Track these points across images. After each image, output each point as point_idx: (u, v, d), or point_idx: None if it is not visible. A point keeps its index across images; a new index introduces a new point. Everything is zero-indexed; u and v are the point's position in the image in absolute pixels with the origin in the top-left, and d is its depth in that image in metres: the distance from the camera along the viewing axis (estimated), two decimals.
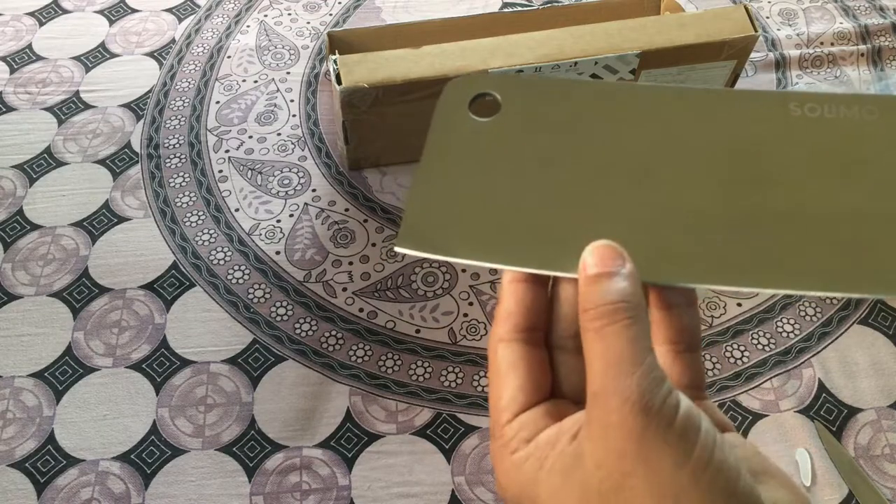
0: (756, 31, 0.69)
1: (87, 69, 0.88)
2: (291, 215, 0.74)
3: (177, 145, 0.80)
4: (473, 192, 0.28)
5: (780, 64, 0.86)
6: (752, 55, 0.84)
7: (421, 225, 0.27)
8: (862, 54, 0.87)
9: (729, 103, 0.28)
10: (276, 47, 0.91)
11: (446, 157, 0.28)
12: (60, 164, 0.79)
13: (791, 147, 0.27)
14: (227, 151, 0.79)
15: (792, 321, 0.65)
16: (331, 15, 0.95)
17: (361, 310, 0.67)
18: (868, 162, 0.26)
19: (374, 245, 0.71)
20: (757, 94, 0.28)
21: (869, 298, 0.25)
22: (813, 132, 0.27)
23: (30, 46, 0.91)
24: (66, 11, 0.96)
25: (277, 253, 0.71)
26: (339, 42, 0.77)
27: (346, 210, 0.74)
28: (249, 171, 0.78)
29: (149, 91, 0.86)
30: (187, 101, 0.85)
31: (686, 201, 0.26)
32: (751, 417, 0.60)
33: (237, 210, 0.74)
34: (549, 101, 0.29)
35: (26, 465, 0.59)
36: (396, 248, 0.28)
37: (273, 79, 0.87)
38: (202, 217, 0.74)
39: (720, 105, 0.28)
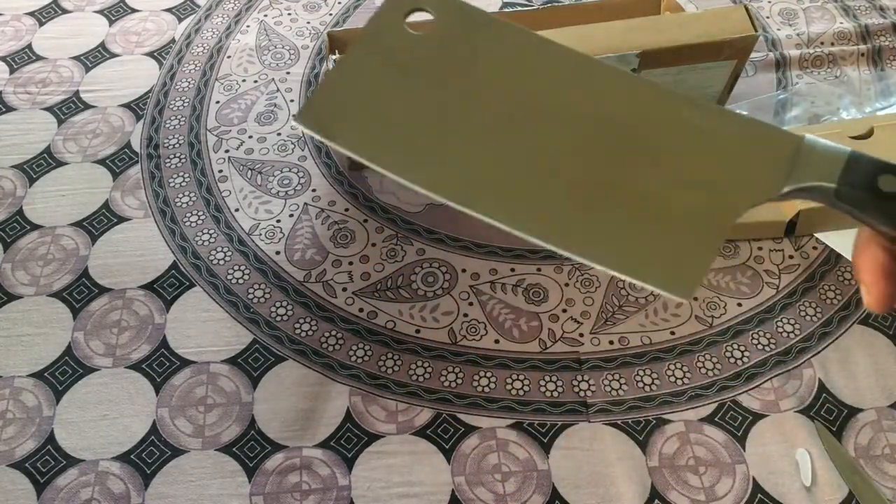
0: (756, 30, 0.69)
1: (87, 69, 0.88)
2: (291, 215, 0.74)
3: (177, 145, 0.80)
4: (380, 95, 0.29)
5: (781, 64, 0.86)
6: (753, 55, 0.84)
7: (325, 108, 0.29)
8: (862, 54, 0.87)
9: (630, 89, 0.29)
10: (276, 47, 0.91)
11: (369, 56, 0.30)
12: (60, 164, 0.79)
13: (655, 138, 0.28)
14: (226, 151, 0.79)
15: (792, 321, 0.65)
16: (331, 15, 0.95)
17: (361, 310, 0.67)
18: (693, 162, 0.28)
19: (374, 245, 0.71)
20: (662, 92, 0.29)
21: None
22: (682, 134, 0.28)
23: (30, 46, 0.91)
24: (66, 11, 0.96)
25: (277, 253, 0.71)
26: (339, 42, 0.77)
27: (346, 210, 0.74)
28: (249, 171, 0.78)
29: (149, 91, 0.86)
30: (187, 100, 0.85)
31: (542, 158, 0.28)
32: (751, 418, 0.60)
33: (237, 210, 0.74)
34: (475, 34, 0.30)
35: (26, 465, 0.59)
36: (293, 122, 0.30)
37: (273, 79, 0.87)
38: (202, 217, 0.74)
39: (620, 86, 0.29)
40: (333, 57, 0.65)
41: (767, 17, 0.93)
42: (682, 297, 0.27)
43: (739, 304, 0.67)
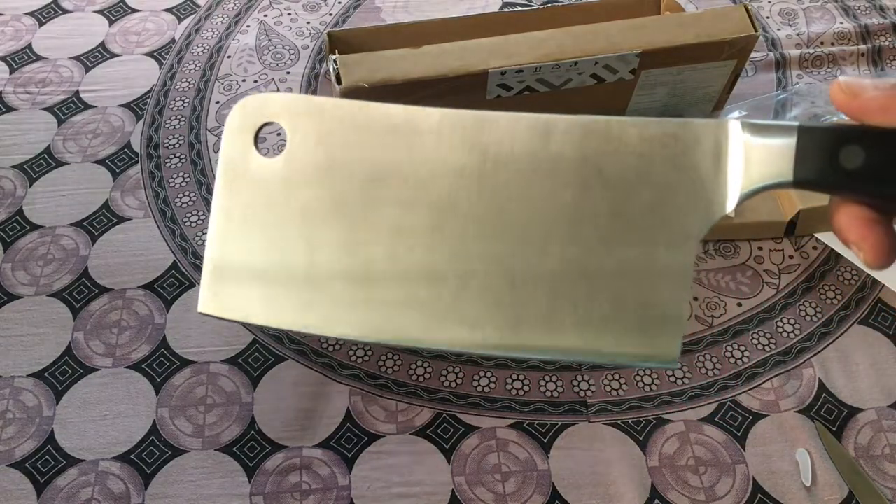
0: (756, 30, 0.69)
1: (87, 69, 0.88)
2: None
3: (177, 145, 0.80)
4: (266, 246, 0.25)
5: (781, 64, 0.86)
6: (753, 55, 0.84)
7: (221, 285, 0.25)
8: (862, 54, 0.87)
9: (524, 134, 0.25)
10: (276, 47, 0.91)
11: (237, 202, 0.26)
12: (60, 164, 0.79)
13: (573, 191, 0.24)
14: None
15: (792, 321, 0.65)
16: (331, 15, 0.95)
17: None
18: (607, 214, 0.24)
19: None
20: (551, 121, 0.25)
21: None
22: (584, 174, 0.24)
23: (30, 46, 0.91)
24: (65, 11, 0.96)
25: None
26: (339, 42, 0.77)
27: None
28: None
29: (149, 91, 0.86)
30: (187, 100, 0.85)
31: (464, 259, 0.24)
32: (751, 418, 0.60)
33: None
34: (341, 133, 0.25)
35: (26, 465, 0.59)
36: (199, 311, 0.26)
37: (273, 79, 0.87)
38: (202, 217, 0.74)
39: (512, 136, 0.25)
40: (333, 57, 0.65)
41: (767, 17, 0.93)
42: (664, 360, 0.24)
43: (739, 304, 0.67)
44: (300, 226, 0.25)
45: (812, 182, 0.23)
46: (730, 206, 0.24)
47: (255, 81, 0.86)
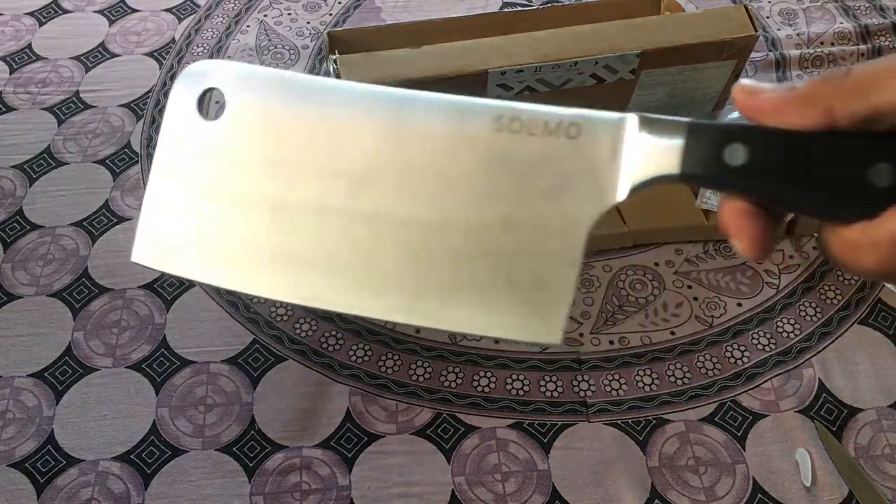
0: (756, 30, 0.69)
1: (87, 69, 0.88)
2: None
3: None
4: (200, 202, 0.27)
5: (781, 64, 0.86)
6: (753, 55, 0.84)
7: (155, 238, 0.27)
8: (862, 54, 0.87)
9: (441, 115, 0.26)
10: (275, 47, 0.91)
11: (177, 160, 0.27)
12: (60, 164, 0.79)
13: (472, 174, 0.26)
14: None
15: (792, 321, 0.65)
16: (330, 15, 0.95)
17: None
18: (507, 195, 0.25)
19: None
20: (465, 104, 0.26)
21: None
22: (496, 155, 0.26)
23: (30, 46, 0.91)
24: (65, 11, 0.96)
25: None
26: (339, 42, 0.77)
27: None
28: None
29: (149, 91, 0.86)
30: None
31: (371, 227, 0.26)
32: (751, 417, 0.60)
33: None
34: (276, 103, 0.27)
35: (26, 465, 0.59)
36: (132, 259, 0.27)
37: None
38: None
39: (430, 116, 0.26)
40: (333, 57, 0.65)
41: (767, 17, 0.93)
42: (549, 340, 0.25)
43: (739, 304, 0.67)
44: (232, 186, 0.26)
45: (698, 177, 0.24)
46: (620, 196, 0.25)
47: None
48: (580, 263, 0.25)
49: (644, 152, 0.25)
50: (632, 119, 0.25)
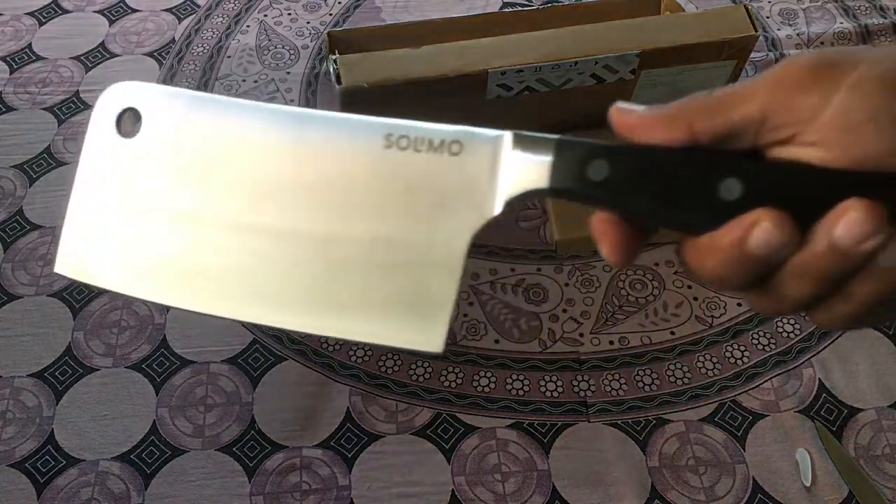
0: (756, 30, 0.69)
1: (87, 69, 0.88)
2: None
3: None
4: (118, 217, 0.28)
5: None
6: (753, 55, 0.84)
7: (77, 250, 0.29)
8: None
9: (336, 132, 0.28)
10: (276, 47, 0.91)
11: (97, 175, 0.29)
12: (60, 164, 0.79)
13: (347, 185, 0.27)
14: None
15: (792, 321, 0.65)
16: (331, 15, 0.95)
17: None
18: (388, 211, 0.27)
19: None
20: (358, 123, 0.28)
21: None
22: (385, 171, 0.27)
23: (29, 46, 0.91)
24: (65, 11, 0.96)
25: None
26: (339, 42, 0.77)
27: None
28: None
29: None
30: None
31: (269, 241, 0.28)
32: (751, 417, 0.60)
33: None
34: (188, 121, 0.29)
35: (26, 465, 0.59)
36: (55, 270, 0.29)
37: (273, 79, 0.87)
38: None
39: (326, 133, 0.28)
40: (333, 57, 0.65)
41: (767, 17, 0.93)
42: (430, 349, 0.26)
43: (739, 304, 0.67)
44: (147, 202, 0.28)
45: (565, 191, 0.25)
46: (496, 209, 0.26)
47: (255, 81, 0.86)
48: (461, 275, 0.26)
49: (516, 168, 0.26)
50: (507, 136, 0.26)
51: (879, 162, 0.22)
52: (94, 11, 0.96)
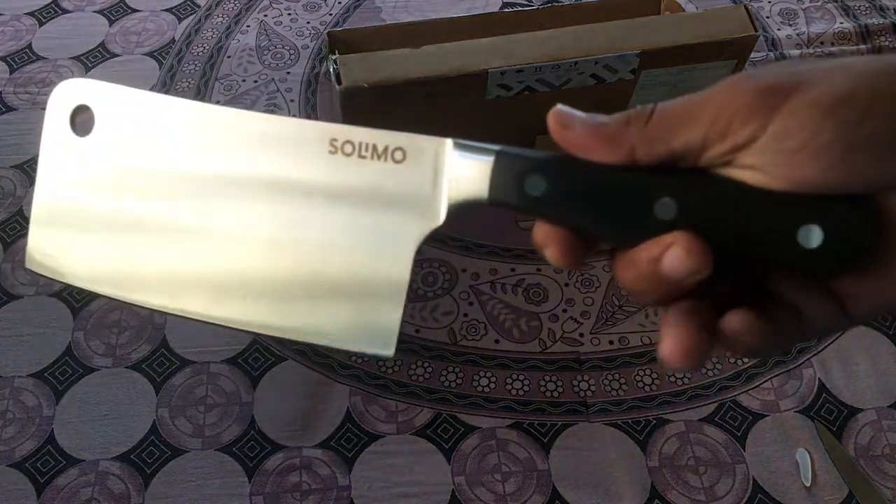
0: (756, 30, 0.69)
1: (87, 69, 0.88)
2: None
3: None
4: (77, 214, 0.29)
5: None
6: (753, 55, 0.84)
7: (43, 247, 0.29)
8: (862, 54, 0.87)
9: (283, 136, 0.28)
10: (275, 47, 0.91)
11: (54, 173, 0.29)
12: None
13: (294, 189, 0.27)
14: None
15: None
16: (331, 15, 0.95)
17: None
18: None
19: None
20: (303, 126, 0.28)
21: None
22: (331, 176, 0.27)
23: (29, 46, 0.91)
24: (65, 11, 0.96)
25: None
26: (339, 42, 0.77)
27: None
28: None
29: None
30: None
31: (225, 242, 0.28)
32: (751, 418, 0.60)
33: None
34: (139, 119, 0.29)
35: (26, 465, 0.59)
36: (26, 266, 0.29)
37: (273, 79, 0.87)
38: None
39: (274, 137, 0.28)
40: (333, 57, 0.65)
41: (767, 17, 0.93)
42: (382, 352, 0.27)
43: None
44: (101, 198, 0.29)
45: (504, 204, 0.25)
46: (441, 218, 0.26)
47: (255, 81, 0.86)
48: (408, 282, 0.27)
49: (458, 177, 0.26)
50: (449, 144, 0.26)
51: (815, 185, 0.22)
52: (94, 11, 0.96)
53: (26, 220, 0.74)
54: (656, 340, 0.65)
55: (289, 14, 0.95)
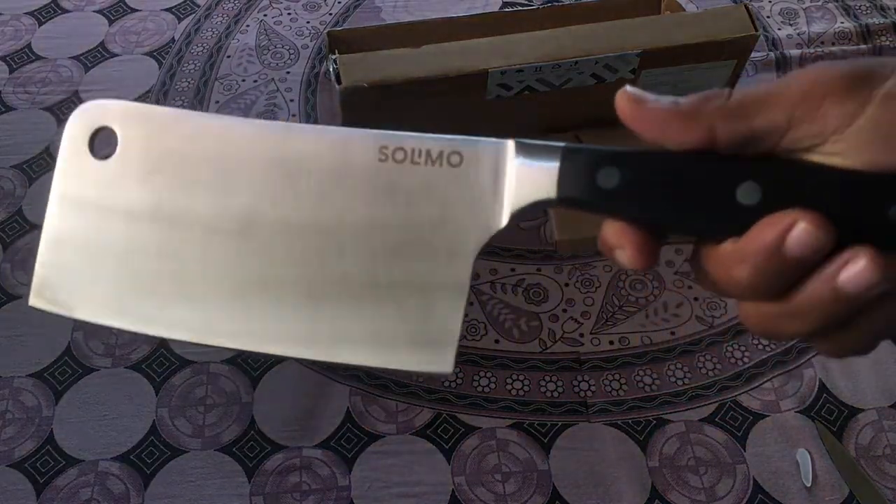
0: (756, 30, 0.69)
1: (87, 69, 0.88)
2: None
3: None
4: (96, 244, 0.27)
5: (781, 64, 0.86)
6: (753, 55, 0.84)
7: (53, 280, 0.27)
8: (863, 54, 0.87)
9: (326, 146, 0.26)
10: (275, 47, 0.91)
11: (72, 200, 0.27)
12: None
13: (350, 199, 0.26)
14: None
15: None
16: (330, 14, 0.95)
17: None
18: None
19: None
20: (349, 136, 0.26)
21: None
22: (380, 186, 0.26)
23: (29, 46, 0.91)
24: (65, 11, 0.96)
25: None
26: (339, 42, 0.77)
27: None
28: None
29: (148, 91, 0.86)
30: (186, 101, 0.85)
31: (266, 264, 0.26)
32: (751, 418, 0.60)
33: None
34: (167, 138, 0.27)
35: (26, 465, 0.59)
36: (31, 304, 0.27)
37: (273, 78, 0.87)
38: None
39: (316, 147, 0.26)
40: (333, 57, 0.65)
41: (768, 17, 0.92)
42: (441, 370, 0.25)
43: None
44: (125, 226, 0.27)
45: (574, 200, 0.24)
46: (503, 221, 0.25)
47: (255, 81, 0.86)
48: (467, 291, 0.26)
49: (521, 177, 0.25)
50: (510, 145, 0.25)
51: None
52: (94, 11, 0.96)
53: (25, 220, 0.74)
54: (656, 340, 0.64)
55: (288, 14, 0.95)
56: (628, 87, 0.24)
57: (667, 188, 0.24)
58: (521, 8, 0.93)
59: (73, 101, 0.85)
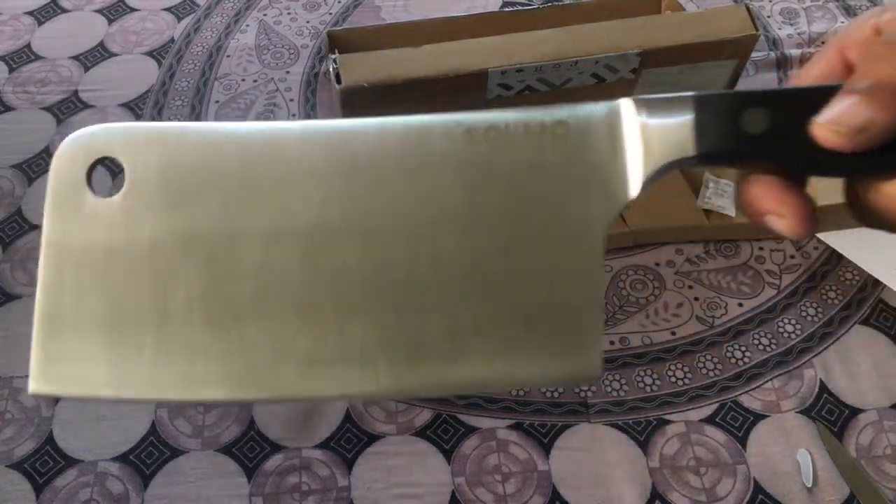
0: (757, 30, 0.69)
1: (86, 69, 0.88)
2: None
3: None
4: (108, 301, 0.22)
5: (782, 63, 0.86)
6: (753, 54, 0.84)
7: (56, 357, 0.22)
8: None
9: (398, 141, 0.22)
10: (275, 46, 0.91)
11: (70, 254, 0.22)
12: None
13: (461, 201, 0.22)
14: None
15: (793, 321, 0.65)
16: (330, 14, 0.95)
17: None
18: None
19: None
20: (426, 123, 0.22)
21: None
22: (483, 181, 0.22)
23: (28, 46, 0.91)
24: (64, 11, 0.96)
25: None
26: (339, 41, 0.77)
27: None
28: None
29: (148, 90, 0.86)
30: (186, 100, 0.84)
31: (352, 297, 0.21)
32: (752, 418, 0.60)
33: None
34: (186, 158, 0.22)
35: (25, 465, 0.59)
36: (30, 392, 0.22)
37: (272, 78, 0.87)
38: None
39: (385, 146, 0.22)
40: (333, 56, 0.65)
41: (768, 17, 0.92)
42: (589, 374, 0.22)
43: (740, 305, 0.66)
44: (147, 271, 0.22)
45: (716, 153, 0.22)
46: (633, 191, 0.22)
47: (255, 81, 0.86)
48: (603, 277, 0.22)
49: (649, 138, 0.22)
50: (626, 105, 0.22)
51: None
52: (94, 11, 0.95)
53: (25, 219, 0.74)
54: (657, 340, 0.64)
55: (288, 13, 0.95)
56: (823, 117, 0.21)
57: None
58: (521, 8, 0.93)
59: (73, 100, 0.85)
